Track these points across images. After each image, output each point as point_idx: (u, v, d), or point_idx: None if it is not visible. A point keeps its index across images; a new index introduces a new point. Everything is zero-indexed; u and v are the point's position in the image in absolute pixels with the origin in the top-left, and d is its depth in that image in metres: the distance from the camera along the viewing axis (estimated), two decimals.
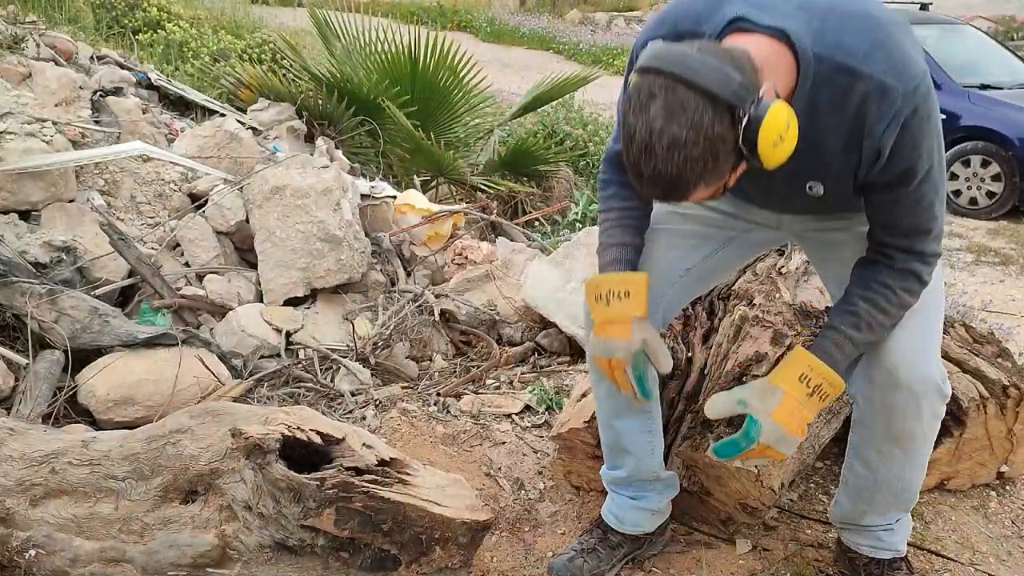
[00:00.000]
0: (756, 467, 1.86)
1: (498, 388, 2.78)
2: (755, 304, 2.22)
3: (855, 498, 1.75)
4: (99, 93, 3.73)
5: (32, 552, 1.70)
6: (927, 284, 1.52)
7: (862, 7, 1.34)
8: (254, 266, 3.13)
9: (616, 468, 1.90)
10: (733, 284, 2.41)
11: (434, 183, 4.69)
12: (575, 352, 2.99)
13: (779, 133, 1.20)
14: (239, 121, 3.97)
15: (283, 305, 3.06)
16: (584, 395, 2.18)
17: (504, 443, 2.40)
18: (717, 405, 1.55)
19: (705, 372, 2.18)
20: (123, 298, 2.89)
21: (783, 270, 2.40)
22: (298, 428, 1.66)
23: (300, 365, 2.78)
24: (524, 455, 2.36)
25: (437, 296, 3.16)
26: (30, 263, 2.61)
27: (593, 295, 1.63)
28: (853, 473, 1.73)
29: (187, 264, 3.09)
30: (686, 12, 1.41)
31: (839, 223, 1.67)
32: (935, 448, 2.02)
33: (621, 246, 1.67)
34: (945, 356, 2.24)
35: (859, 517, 1.78)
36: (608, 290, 1.61)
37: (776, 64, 1.29)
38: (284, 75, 4.82)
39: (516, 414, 2.57)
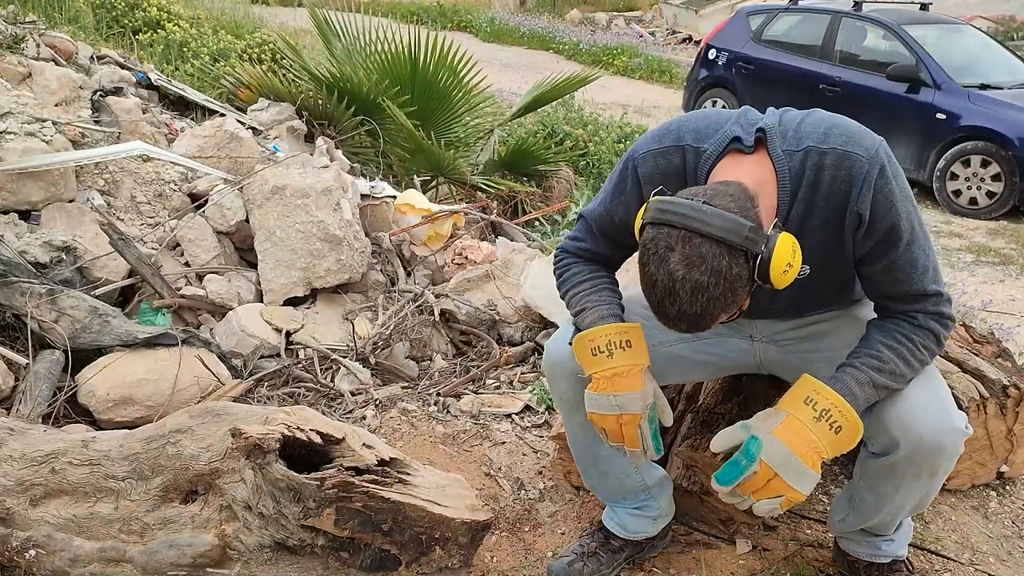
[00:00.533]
0: (769, 518, 1.79)
1: (498, 388, 2.78)
2: None
3: (861, 518, 1.70)
4: (99, 93, 3.73)
5: (32, 552, 1.70)
6: (942, 349, 1.50)
7: (808, 110, 1.50)
8: (254, 266, 3.13)
9: (601, 489, 1.89)
10: None
11: (434, 183, 4.69)
12: None
13: (787, 262, 1.31)
14: (239, 121, 3.98)
15: (283, 305, 3.06)
16: None
17: (504, 443, 2.40)
18: (721, 437, 1.46)
19: None
20: (123, 298, 2.89)
21: None
22: (298, 428, 1.66)
23: (300, 365, 2.78)
24: (524, 455, 2.36)
25: (437, 296, 3.16)
26: (30, 263, 2.61)
27: (588, 349, 1.55)
28: (864, 501, 1.66)
29: (187, 264, 3.09)
30: (688, 128, 1.51)
31: (816, 316, 1.68)
32: None
33: (606, 304, 1.61)
34: (945, 356, 2.24)
35: (863, 530, 1.75)
36: (607, 342, 1.54)
37: (763, 179, 1.41)
38: (284, 75, 4.82)
39: (516, 414, 2.57)
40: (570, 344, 1.62)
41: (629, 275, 1.77)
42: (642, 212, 1.36)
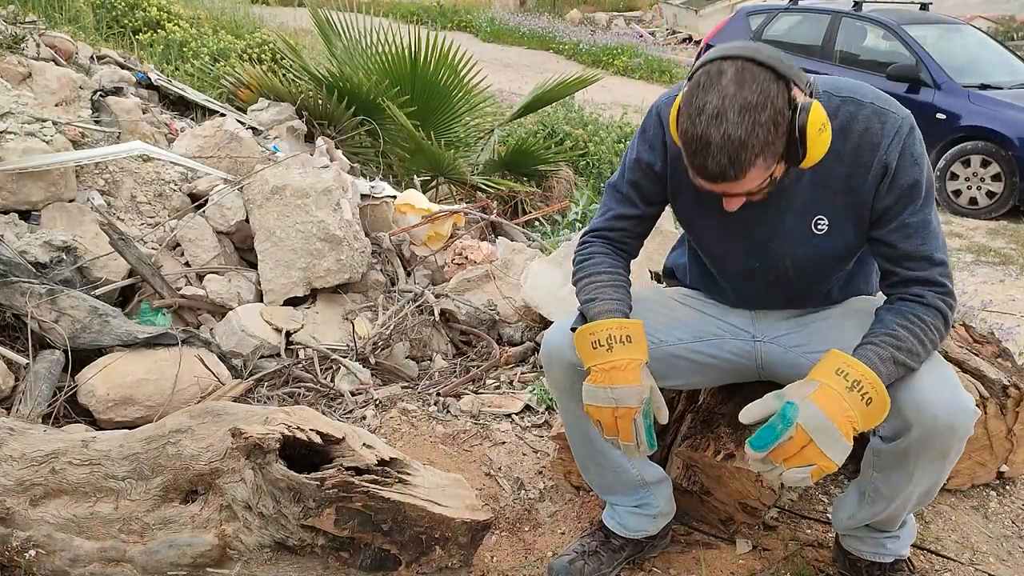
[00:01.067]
0: (799, 487, 1.78)
1: (498, 388, 2.78)
2: None
3: (872, 511, 1.69)
4: (99, 93, 3.73)
5: (32, 552, 1.70)
6: (949, 330, 1.51)
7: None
8: (254, 266, 3.13)
9: (598, 483, 1.89)
10: None
11: (434, 183, 4.69)
12: None
13: (823, 122, 1.37)
14: (239, 121, 3.98)
15: (283, 305, 3.06)
16: None
17: (504, 443, 2.40)
18: (754, 407, 1.44)
19: None
20: (123, 298, 2.89)
21: None
22: (298, 428, 1.66)
23: (300, 365, 2.78)
24: (524, 455, 2.36)
25: (437, 296, 3.16)
26: (30, 263, 2.61)
27: (588, 342, 1.56)
28: (877, 492, 1.65)
29: (187, 264, 3.09)
30: None
31: (817, 315, 1.70)
32: None
33: (615, 300, 1.63)
34: (945, 356, 2.24)
35: (869, 526, 1.75)
36: (608, 335, 1.55)
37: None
38: (284, 75, 4.82)
39: (516, 414, 2.57)
40: (572, 330, 1.63)
41: (631, 276, 1.78)
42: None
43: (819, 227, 1.57)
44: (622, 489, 1.86)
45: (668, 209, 1.80)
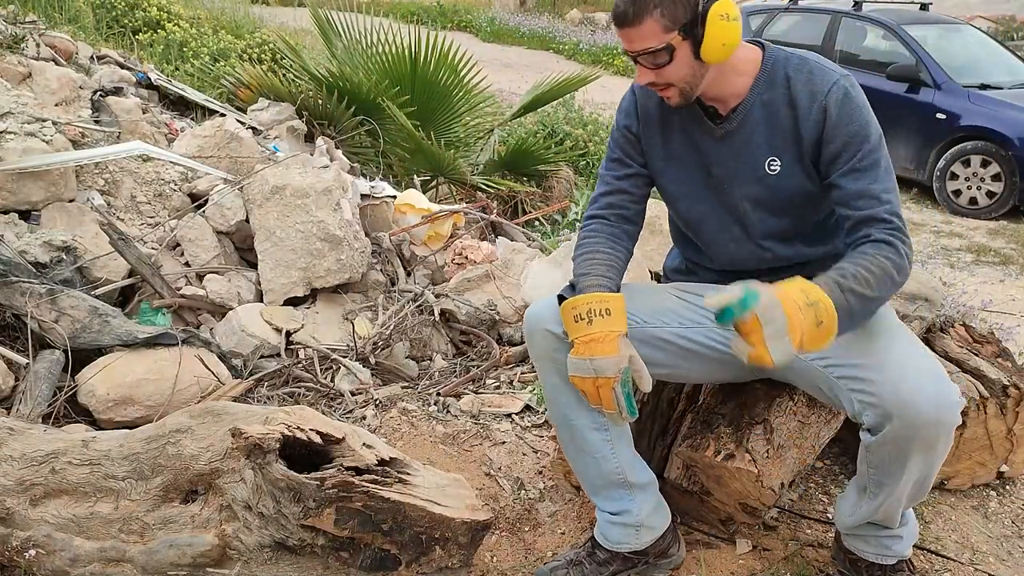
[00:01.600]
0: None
1: (498, 388, 2.78)
2: None
3: (872, 507, 1.69)
4: (99, 93, 3.73)
5: (32, 552, 1.70)
6: (904, 262, 1.54)
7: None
8: (254, 266, 3.13)
9: (582, 473, 1.85)
10: None
11: (434, 183, 4.69)
12: None
13: (726, 12, 1.53)
14: (239, 121, 3.98)
15: (283, 305, 3.06)
16: None
17: (504, 443, 2.40)
18: (718, 296, 1.47)
19: None
20: (123, 298, 2.89)
21: None
22: (298, 428, 1.66)
23: (300, 365, 2.78)
24: (524, 455, 2.36)
25: (437, 296, 3.16)
26: (30, 263, 2.61)
27: (571, 316, 1.64)
28: (873, 483, 1.66)
29: (187, 264, 3.09)
30: None
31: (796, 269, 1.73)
32: None
33: (603, 276, 1.70)
34: (945, 356, 2.24)
35: (873, 523, 1.75)
36: (588, 309, 1.62)
37: (747, 49, 1.67)
38: (284, 75, 4.82)
39: (516, 414, 2.57)
40: (560, 298, 1.70)
41: (630, 276, 1.79)
42: None
43: (772, 167, 1.68)
44: (604, 485, 1.83)
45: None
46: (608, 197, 1.85)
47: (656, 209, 3.05)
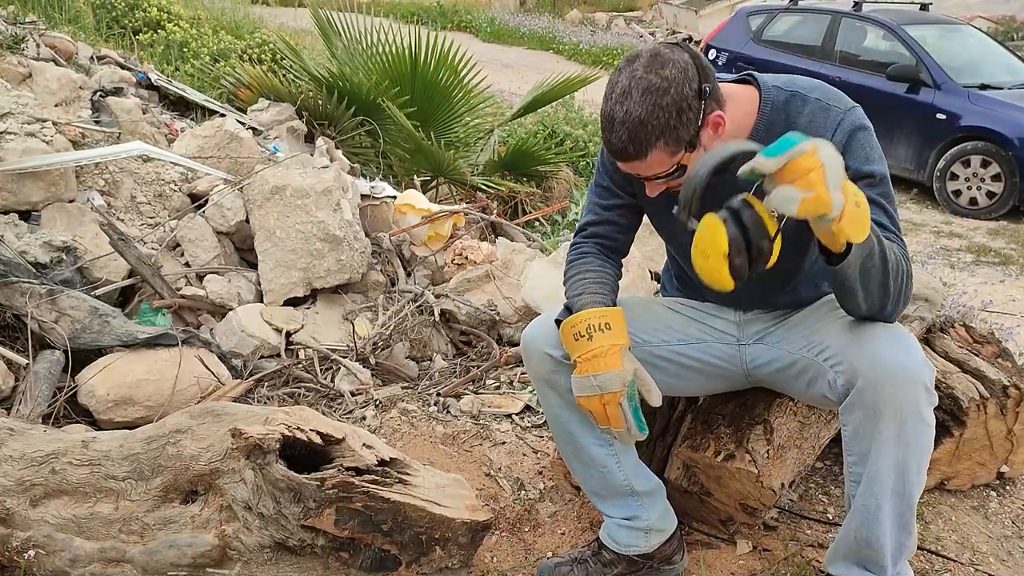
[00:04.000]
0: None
1: (498, 388, 2.78)
2: None
3: (856, 514, 1.59)
4: (99, 93, 3.73)
5: (32, 552, 1.70)
6: (907, 261, 1.49)
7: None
8: (254, 266, 3.13)
9: (587, 485, 1.85)
10: None
11: (434, 183, 4.70)
12: None
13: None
14: (239, 121, 3.98)
15: (283, 305, 3.06)
16: None
17: (504, 443, 2.40)
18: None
19: None
20: (123, 298, 2.89)
21: None
22: (298, 428, 1.66)
23: (300, 365, 2.78)
24: (524, 455, 2.36)
25: (437, 296, 3.16)
26: (30, 263, 2.61)
27: (571, 335, 1.60)
28: (854, 479, 1.57)
29: (187, 264, 3.09)
30: None
31: (799, 310, 1.71)
32: (935, 448, 2.02)
33: (597, 294, 1.68)
34: (945, 356, 2.24)
35: (861, 547, 1.61)
36: (587, 325, 1.59)
37: (741, 97, 1.57)
38: (284, 75, 4.83)
39: (516, 414, 2.57)
40: (558, 323, 1.67)
41: (631, 276, 1.79)
42: None
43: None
44: (611, 495, 1.82)
45: None
46: (595, 227, 1.81)
47: None
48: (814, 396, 1.66)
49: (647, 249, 3.17)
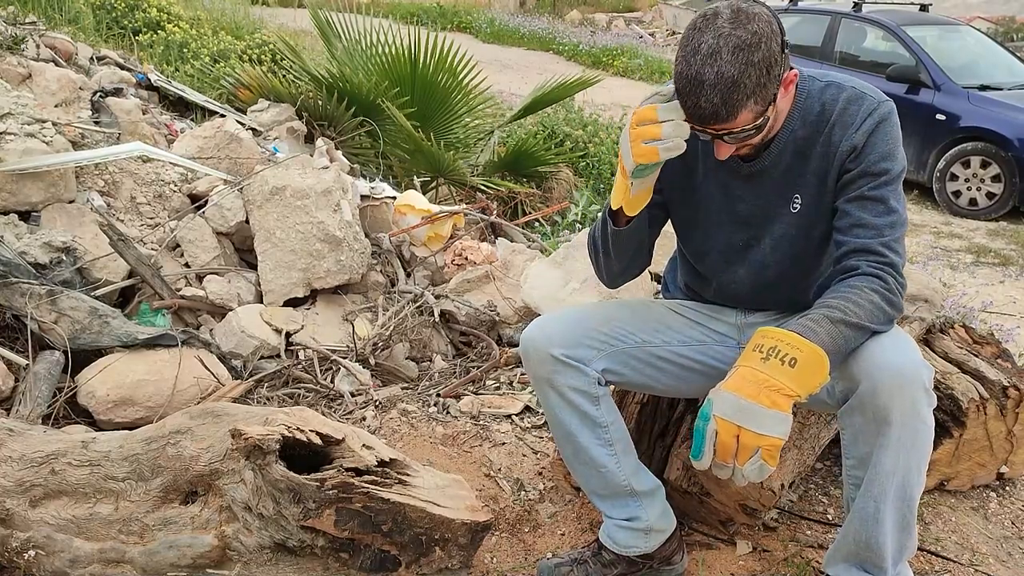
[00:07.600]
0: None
1: (498, 389, 2.78)
2: None
3: (857, 520, 1.57)
4: (99, 94, 3.73)
5: (32, 553, 1.70)
6: (895, 297, 1.47)
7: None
8: (254, 267, 3.13)
9: (587, 484, 1.84)
10: None
11: (434, 184, 4.70)
12: None
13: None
14: (239, 122, 3.98)
15: (283, 306, 3.06)
16: None
17: (504, 444, 2.40)
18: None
19: None
20: (123, 299, 2.89)
21: None
22: (298, 429, 1.66)
23: (300, 366, 2.78)
24: (524, 456, 2.36)
25: (437, 297, 3.16)
26: (30, 263, 2.61)
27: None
28: (855, 484, 1.56)
29: (187, 265, 3.09)
30: None
31: (802, 303, 1.68)
32: (935, 449, 2.02)
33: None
34: (945, 356, 2.24)
35: (861, 549, 1.59)
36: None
37: (783, 93, 1.53)
38: (284, 76, 4.83)
39: (516, 415, 2.57)
40: (605, 213, 1.68)
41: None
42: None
43: (794, 206, 1.61)
44: (611, 495, 1.81)
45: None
46: None
47: None
48: (813, 399, 1.64)
49: None
